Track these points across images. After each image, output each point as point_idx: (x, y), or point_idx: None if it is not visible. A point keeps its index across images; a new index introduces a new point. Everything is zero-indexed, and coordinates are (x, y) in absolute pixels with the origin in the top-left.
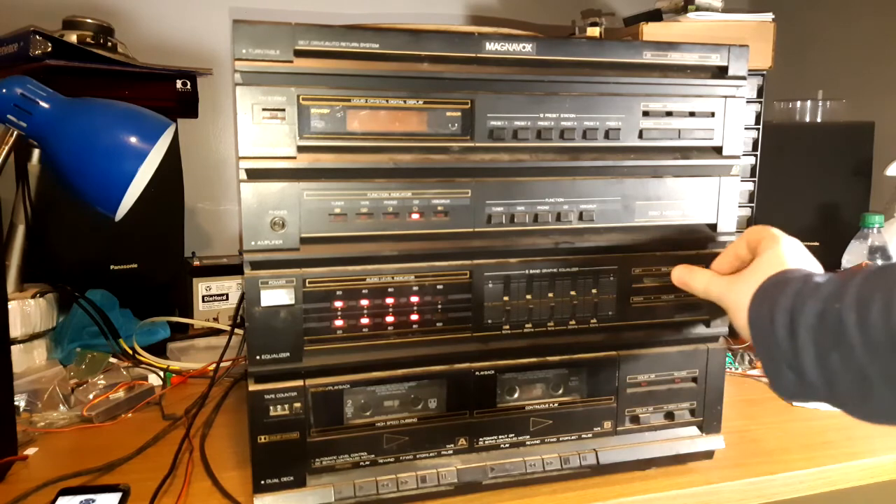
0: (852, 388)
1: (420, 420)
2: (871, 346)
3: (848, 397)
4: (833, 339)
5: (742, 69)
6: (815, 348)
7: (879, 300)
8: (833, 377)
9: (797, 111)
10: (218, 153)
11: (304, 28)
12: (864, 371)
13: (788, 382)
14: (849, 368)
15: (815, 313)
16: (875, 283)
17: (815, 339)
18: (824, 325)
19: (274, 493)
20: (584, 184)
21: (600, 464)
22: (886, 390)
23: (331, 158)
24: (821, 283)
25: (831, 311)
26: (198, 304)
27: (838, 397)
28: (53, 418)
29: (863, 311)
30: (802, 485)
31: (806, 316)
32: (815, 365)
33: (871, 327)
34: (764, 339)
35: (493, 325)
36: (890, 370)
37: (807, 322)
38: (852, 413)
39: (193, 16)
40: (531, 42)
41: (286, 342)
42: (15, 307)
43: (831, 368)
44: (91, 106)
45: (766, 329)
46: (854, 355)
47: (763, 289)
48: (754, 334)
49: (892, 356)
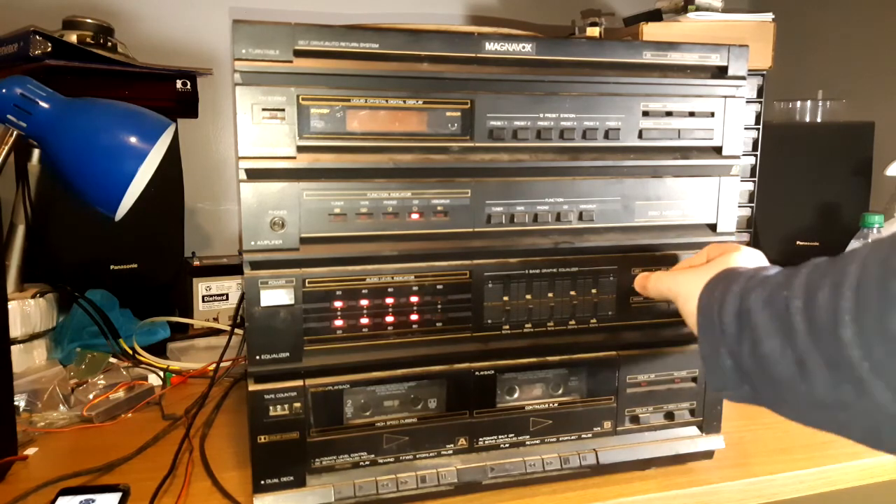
0: (786, 374)
1: (420, 420)
2: (814, 330)
3: (779, 385)
4: (777, 324)
5: (742, 69)
6: (758, 332)
7: (827, 286)
8: (769, 364)
9: (797, 111)
10: (218, 153)
11: (303, 28)
12: (803, 356)
13: (725, 370)
14: (785, 354)
15: (763, 298)
16: (824, 270)
17: (761, 322)
18: (771, 309)
19: (274, 493)
20: (583, 184)
21: (600, 464)
22: (822, 375)
23: (331, 158)
24: (773, 273)
25: (778, 297)
26: (198, 304)
27: (769, 385)
28: (53, 418)
29: (809, 296)
30: (802, 485)
31: (754, 301)
32: (752, 351)
33: (816, 311)
34: (710, 324)
35: (493, 325)
36: (830, 354)
37: (755, 306)
38: (775, 406)
39: (193, 16)
40: (531, 42)
41: (286, 342)
42: (15, 307)
43: (768, 354)
44: (91, 106)
45: (714, 313)
46: (796, 340)
47: (717, 277)
48: (701, 320)
49: (834, 340)
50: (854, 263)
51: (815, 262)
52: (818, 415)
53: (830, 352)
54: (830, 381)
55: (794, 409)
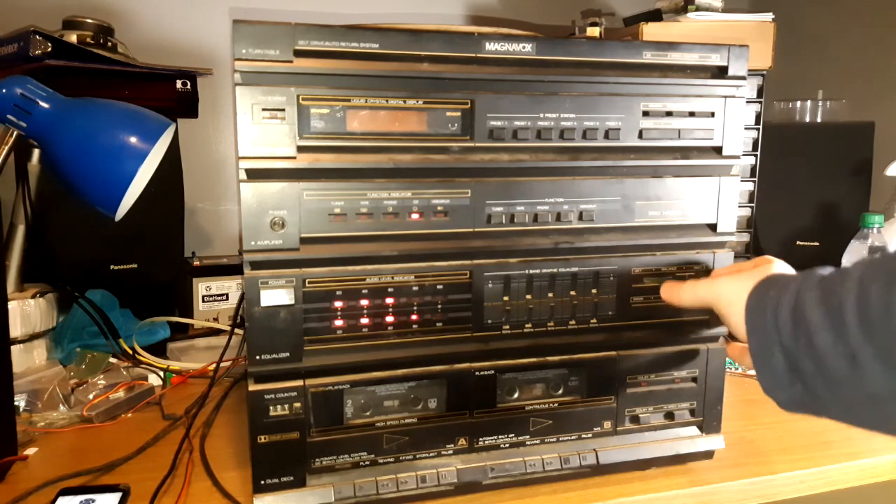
0: (840, 368)
1: (420, 420)
2: (866, 323)
3: (832, 381)
4: (830, 319)
5: (742, 69)
6: (811, 328)
7: (880, 281)
8: (822, 358)
9: (797, 111)
10: (218, 153)
11: (304, 28)
12: (855, 350)
13: (777, 369)
14: (837, 348)
15: (817, 296)
16: (878, 267)
17: (814, 319)
18: (825, 306)
19: (274, 493)
20: (584, 184)
21: (600, 464)
22: (873, 368)
23: (331, 158)
24: (827, 273)
25: (832, 294)
26: (198, 304)
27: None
28: (53, 418)
29: (862, 291)
30: (802, 485)
31: (810, 298)
32: (807, 347)
33: (869, 306)
34: (761, 323)
35: (493, 325)
36: (882, 346)
37: (810, 303)
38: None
39: (193, 16)
40: (531, 42)
41: (286, 342)
42: (15, 307)
43: (821, 348)
44: (91, 106)
45: (766, 312)
46: (847, 333)
47: (767, 280)
48: (751, 319)
49: (886, 333)
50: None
51: (871, 259)
52: (871, 411)
53: (882, 344)
54: (882, 373)
55: (847, 407)
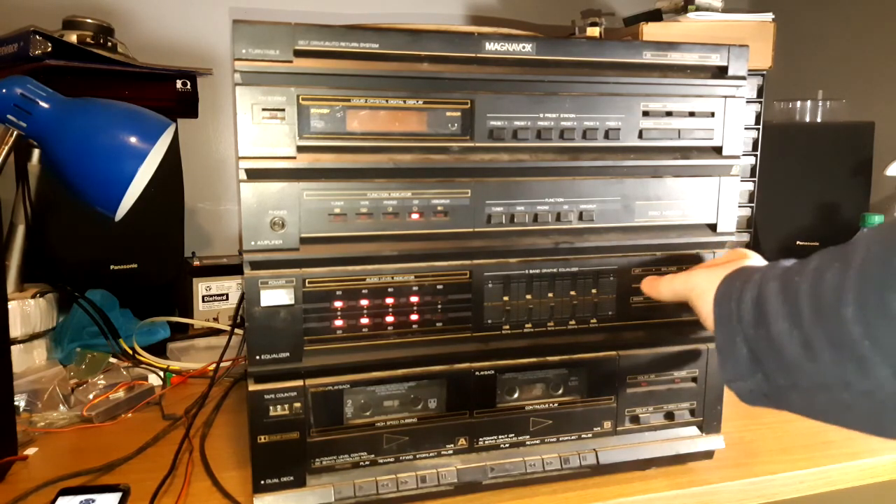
0: (794, 355)
1: (420, 420)
2: (818, 310)
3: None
4: (787, 307)
5: (742, 69)
6: (769, 316)
7: (834, 268)
8: (779, 345)
9: (797, 111)
10: (218, 153)
11: (304, 28)
12: (809, 336)
13: (740, 358)
14: (792, 335)
15: (777, 286)
16: (833, 255)
17: (773, 306)
18: (783, 294)
19: (274, 493)
20: (584, 184)
21: (600, 464)
22: (826, 354)
23: (331, 158)
24: (789, 264)
25: (791, 282)
26: (198, 304)
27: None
28: (53, 418)
29: (817, 278)
30: (802, 485)
31: (771, 288)
32: (766, 335)
33: (822, 292)
34: (727, 314)
35: (493, 325)
36: (832, 332)
37: (771, 293)
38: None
39: (193, 16)
40: (531, 42)
41: (286, 342)
42: (15, 307)
43: (777, 336)
44: (91, 106)
45: (731, 303)
46: (802, 320)
47: (735, 272)
48: (718, 311)
49: (836, 319)
50: (859, 245)
51: (828, 249)
52: (823, 398)
53: (833, 330)
54: (833, 359)
55: (805, 396)
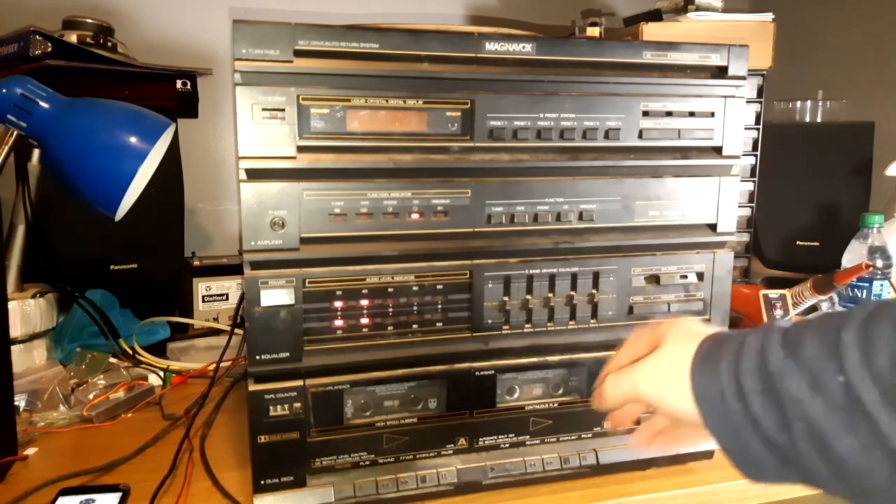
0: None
1: (420, 420)
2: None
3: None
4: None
5: (742, 69)
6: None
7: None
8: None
9: (797, 111)
10: (218, 153)
11: (304, 28)
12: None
13: (763, 461)
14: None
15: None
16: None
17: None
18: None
19: (274, 493)
20: (584, 184)
21: (600, 464)
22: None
23: (331, 158)
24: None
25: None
26: (198, 304)
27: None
28: (53, 418)
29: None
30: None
31: (787, 368)
32: (820, 453)
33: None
34: (726, 416)
35: (493, 325)
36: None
37: (789, 376)
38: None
39: (193, 16)
40: (531, 42)
41: (286, 342)
42: (15, 307)
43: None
44: (91, 106)
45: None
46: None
47: (708, 352)
48: (707, 410)
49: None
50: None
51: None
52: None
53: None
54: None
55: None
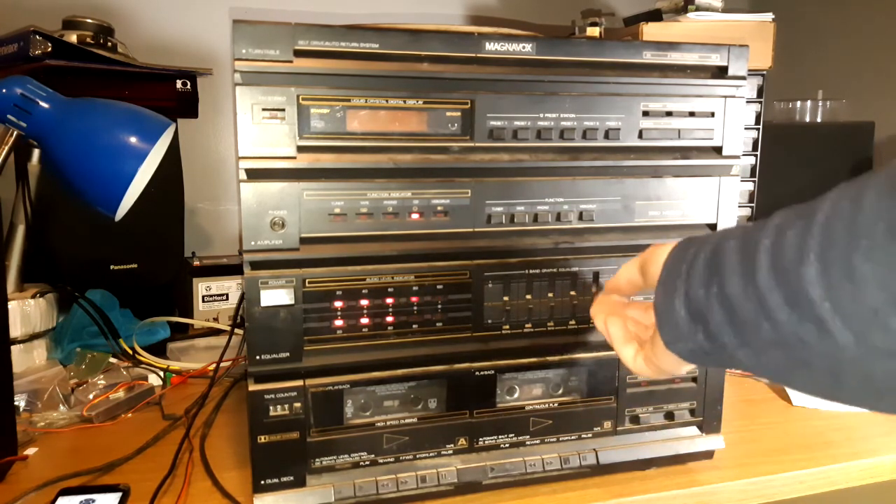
0: (749, 313)
1: (420, 420)
2: (777, 268)
3: (741, 326)
4: (744, 264)
5: (742, 69)
6: (724, 273)
7: (797, 225)
8: (733, 304)
9: (797, 111)
10: (218, 153)
11: (304, 28)
12: (765, 294)
13: (679, 321)
14: (748, 293)
15: (736, 242)
16: (798, 211)
17: (729, 263)
18: (742, 252)
19: (274, 493)
20: (584, 184)
21: (600, 464)
22: (783, 313)
23: (331, 158)
24: (752, 224)
25: (751, 239)
26: (198, 304)
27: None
28: (53, 418)
29: (779, 235)
30: (802, 485)
31: (729, 247)
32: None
33: (783, 249)
34: (674, 275)
35: (493, 325)
36: (791, 292)
37: (729, 251)
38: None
39: (193, 16)
40: (531, 42)
41: (286, 342)
42: (15, 307)
43: (731, 294)
44: (91, 106)
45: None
46: (757, 277)
47: (690, 239)
48: (665, 274)
49: (796, 278)
50: (826, 202)
51: (793, 206)
52: (778, 355)
53: (792, 290)
54: (791, 319)
55: (754, 352)
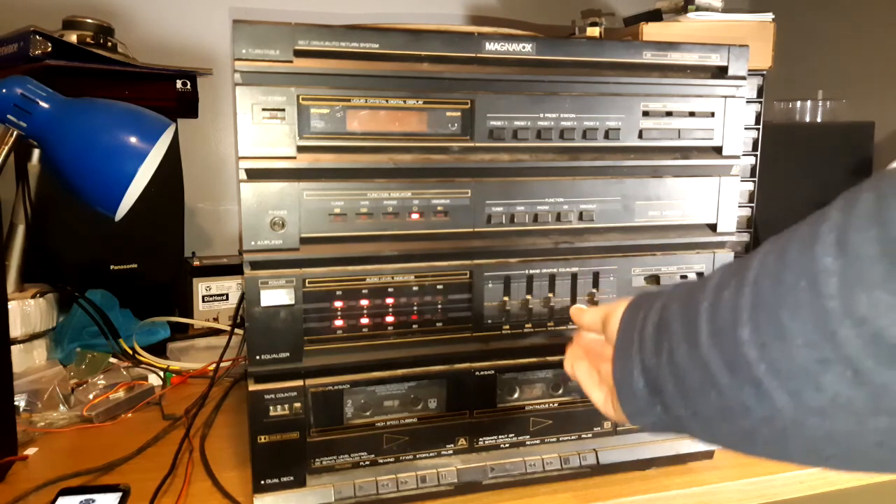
0: (695, 381)
1: (420, 420)
2: (715, 331)
3: (689, 395)
4: (686, 328)
5: (742, 69)
6: (672, 340)
7: (732, 284)
8: (680, 372)
9: (797, 111)
10: (218, 153)
11: (304, 28)
12: (706, 359)
13: (637, 393)
14: (693, 359)
15: (678, 307)
16: (734, 269)
17: (675, 330)
18: (684, 316)
19: (274, 493)
20: (584, 184)
21: (600, 464)
22: (724, 378)
23: (331, 158)
24: (696, 281)
25: (691, 301)
26: (198, 304)
27: (681, 398)
28: (53, 418)
29: (716, 296)
30: (802, 485)
31: (673, 310)
32: (669, 362)
33: (720, 311)
34: (628, 344)
35: (493, 325)
36: (729, 354)
37: (673, 315)
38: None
39: (193, 16)
40: (531, 42)
41: (286, 342)
42: (15, 307)
43: (679, 362)
44: (91, 106)
45: (635, 331)
46: (699, 342)
47: (641, 296)
48: (619, 342)
49: (733, 339)
50: (757, 257)
51: (730, 262)
52: (725, 427)
53: (729, 353)
54: (731, 384)
55: (705, 423)
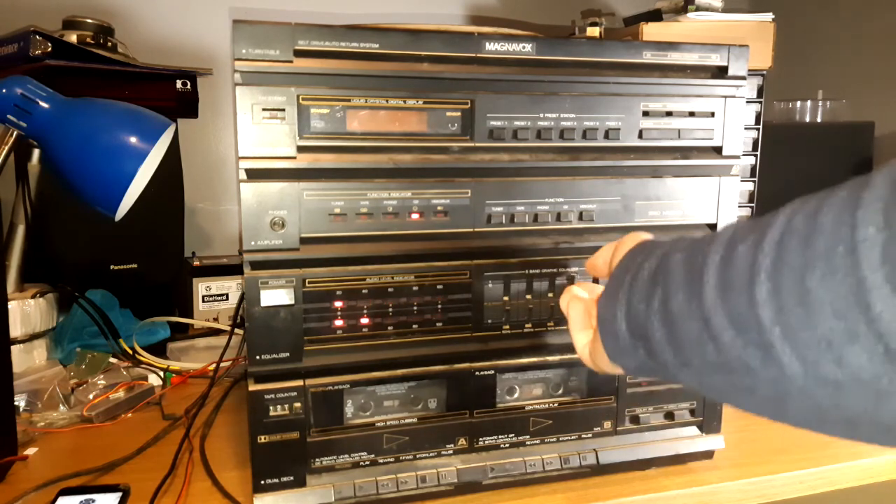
0: (692, 332)
1: (420, 420)
2: (724, 285)
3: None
4: (689, 278)
5: (742, 69)
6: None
7: (749, 240)
8: (676, 321)
9: (797, 111)
10: (218, 153)
11: (304, 28)
12: (709, 313)
13: (619, 335)
14: (691, 310)
15: (683, 255)
16: (752, 226)
17: (674, 278)
18: (688, 265)
19: (274, 493)
20: (584, 184)
21: (600, 464)
22: (727, 335)
23: (331, 158)
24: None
25: (699, 252)
26: (198, 304)
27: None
28: (53, 418)
29: (729, 250)
30: (802, 485)
31: (675, 259)
32: (663, 308)
33: (733, 265)
34: (617, 287)
35: (493, 325)
36: (738, 312)
37: (675, 264)
38: (674, 372)
39: (193, 16)
40: (531, 42)
41: (286, 342)
42: (15, 307)
43: (675, 311)
44: (91, 106)
45: (628, 275)
46: (703, 294)
47: (644, 242)
48: (610, 283)
49: (746, 298)
50: (781, 216)
51: (746, 220)
52: (720, 379)
53: (739, 310)
54: (735, 342)
55: (697, 373)
